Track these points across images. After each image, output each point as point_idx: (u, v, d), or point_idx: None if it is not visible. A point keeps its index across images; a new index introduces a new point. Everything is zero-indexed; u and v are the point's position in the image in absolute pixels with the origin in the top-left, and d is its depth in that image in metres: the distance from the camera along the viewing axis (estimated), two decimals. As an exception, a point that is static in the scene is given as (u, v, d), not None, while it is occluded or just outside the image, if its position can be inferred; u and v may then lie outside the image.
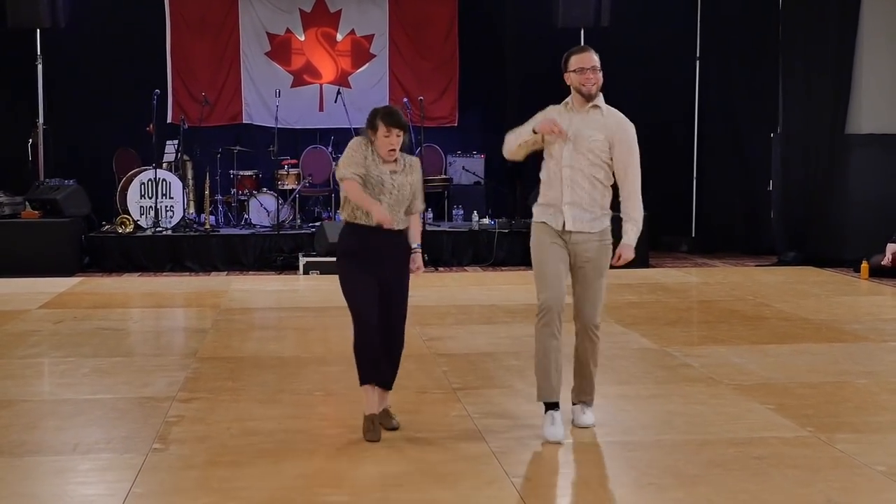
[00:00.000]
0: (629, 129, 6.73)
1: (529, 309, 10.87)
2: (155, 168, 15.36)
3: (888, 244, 13.96)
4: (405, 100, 16.68)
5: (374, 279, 6.48)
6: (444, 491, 5.65)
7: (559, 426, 6.51)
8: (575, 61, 6.84)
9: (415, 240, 6.69)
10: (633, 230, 6.61)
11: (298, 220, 15.90)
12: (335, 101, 16.59)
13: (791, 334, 9.97)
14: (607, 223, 6.64)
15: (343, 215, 6.65)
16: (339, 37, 17.52)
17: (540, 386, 6.59)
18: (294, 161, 16.23)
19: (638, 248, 6.79)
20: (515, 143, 6.78)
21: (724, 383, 7.96)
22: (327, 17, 17.47)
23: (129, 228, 15.15)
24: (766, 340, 9.64)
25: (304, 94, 17.43)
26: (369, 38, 17.53)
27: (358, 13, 17.48)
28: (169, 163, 16.05)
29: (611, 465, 6.16)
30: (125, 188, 15.50)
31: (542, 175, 6.70)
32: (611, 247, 6.63)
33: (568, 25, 15.56)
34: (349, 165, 6.46)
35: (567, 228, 6.52)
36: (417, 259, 6.68)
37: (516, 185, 16.82)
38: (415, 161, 6.70)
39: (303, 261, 14.45)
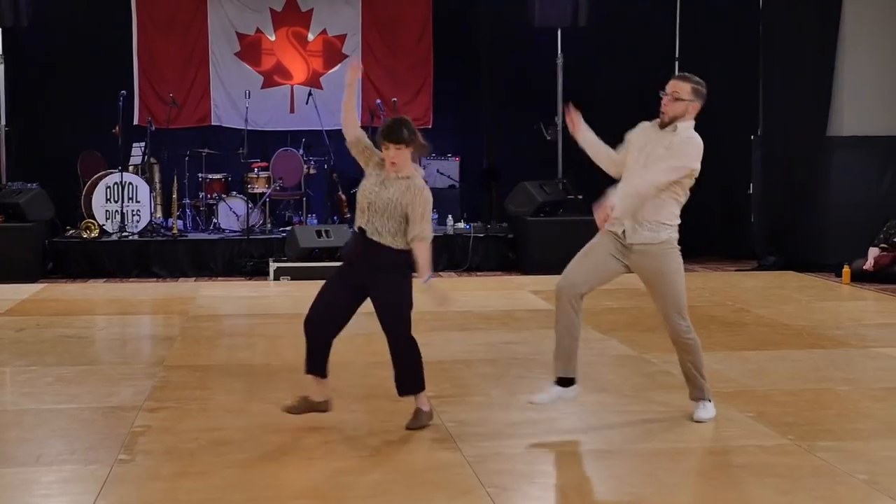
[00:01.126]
0: (691, 151, 7.00)
1: (505, 315, 10.81)
2: (121, 171, 15.19)
3: (870, 248, 14.00)
4: (378, 101, 16.59)
5: (350, 287, 6.65)
6: (417, 501, 5.60)
7: (547, 395, 6.87)
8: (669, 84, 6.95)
9: (421, 272, 6.68)
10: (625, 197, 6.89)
11: (269, 225, 15.77)
12: (306, 103, 16.49)
13: (771, 340, 9.95)
14: (668, 236, 7.01)
15: None
16: (310, 37, 17.38)
17: (554, 362, 6.95)
18: (264, 164, 16.09)
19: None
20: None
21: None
22: (298, 17, 17.33)
23: (95, 233, 14.99)
24: (745, 346, 9.62)
25: (275, 96, 17.29)
26: (341, 38, 17.41)
27: (330, 13, 17.36)
28: (135, 166, 15.90)
29: (589, 473, 6.13)
30: (90, 192, 15.33)
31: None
32: (676, 254, 6.99)
33: (545, 25, 15.54)
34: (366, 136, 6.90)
35: (627, 241, 6.85)
36: (434, 293, 6.70)
37: (492, 188, 16.75)
38: (416, 184, 6.62)
39: (273, 266, 14.33)
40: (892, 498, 5.50)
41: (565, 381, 6.87)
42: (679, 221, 7.05)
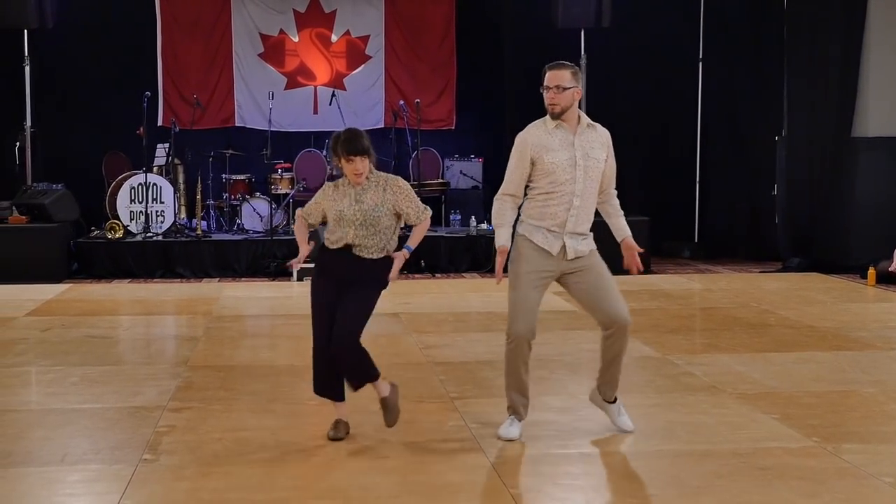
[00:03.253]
0: (610, 137, 6.74)
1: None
2: (145, 172, 15.22)
3: (895, 250, 13.87)
4: (401, 102, 16.60)
5: (332, 301, 6.51)
6: (441, 502, 5.58)
7: (516, 429, 6.63)
8: (545, 78, 6.66)
9: (410, 242, 6.68)
10: (625, 224, 6.78)
11: (292, 226, 15.75)
12: (330, 104, 16.51)
13: (796, 342, 9.90)
14: (592, 239, 6.68)
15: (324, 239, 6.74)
16: (333, 38, 17.40)
17: (513, 403, 6.69)
18: (288, 165, 16.12)
19: (639, 254, 6.77)
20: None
21: (728, 392, 7.89)
22: (322, 18, 17.35)
23: (119, 234, 15.02)
24: (770, 348, 9.57)
25: (298, 97, 17.32)
26: (365, 39, 17.42)
27: (353, 14, 17.37)
28: (160, 167, 15.94)
29: (612, 476, 6.09)
30: (115, 193, 15.38)
31: (540, 196, 6.55)
32: (596, 251, 6.68)
33: (568, 26, 15.48)
34: (308, 205, 6.76)
35: (569, 258, 6.52)
36: (397, 260, 6.59)
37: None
38: (390, 180, 6.60)
39: (296, 267, 14.31)
40: None
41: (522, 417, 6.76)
42: None
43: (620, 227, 6.75)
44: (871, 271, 13.67)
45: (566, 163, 6.44)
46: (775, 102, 15.75)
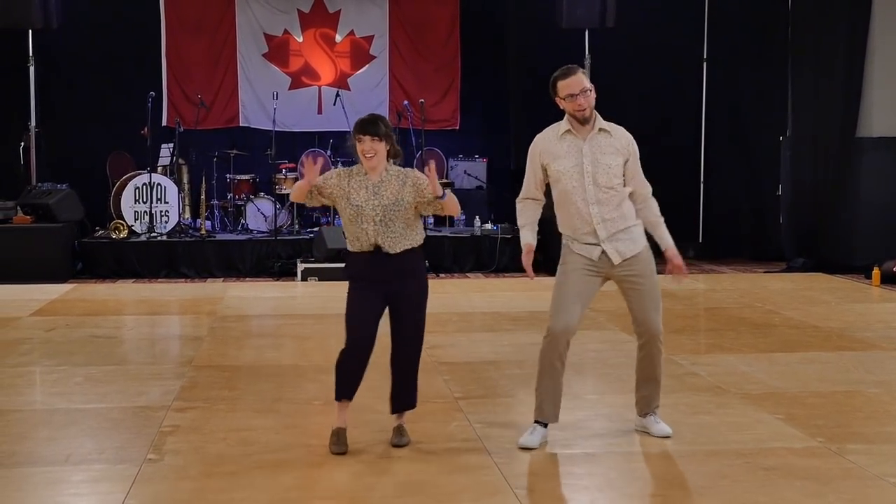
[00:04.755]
0: (632, 140, 6.56)
1: (533, 316, 10.77)
2: (150, 172, 15.24)
3: (900, 250, 13.91)
4: (405, 102, 16.60)
5: (379, 299, 6.33)
6: (445, 502, 5.58)
7: (537, 436, 6.49)
8: (563, 87, 6.44)
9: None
10: (665, 231, 6.62)
11: (296, 226, 15.79)
12: (334, 104, 16.51)
13: (800, 342, 9.90)
14: (641, 230, 6.55)
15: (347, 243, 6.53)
16: (338, 38, 17.41)
17: (542, 407, 6.55)
18: (292, 165, 16.11)
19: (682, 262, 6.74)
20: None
21: (732, 392, 7.88)
22: (326, 18, 17.36)
23: (123, 234, 15.03)
24: (774, 348, 9.56)
25: (303, 97, 17.32)
26: (369, 38, 17.43)
27: (357, 14, 17.38)
28: (164, 167, 15.95)
29: (616, 476, 6.06)
30: (119, 193, 15.39)
31: (561, 212, 6.51)
32: (649, 247, 6.57)
33: (572, 26, 15.47)
34: (321, 180, 6.47)
35: (615, 262, 6.42)
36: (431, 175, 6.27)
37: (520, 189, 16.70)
38: (408, 173, 6.42)
39: (301, 267, 14.35)
40: None
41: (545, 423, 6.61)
42: None
43: (661, 238, 6.60)
44: (876, 272, 13.66)
45: (573, 170, 6.37)
46: (780, 102, 15.74)
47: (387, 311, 6.41)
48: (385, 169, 6.37)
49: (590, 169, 6.34)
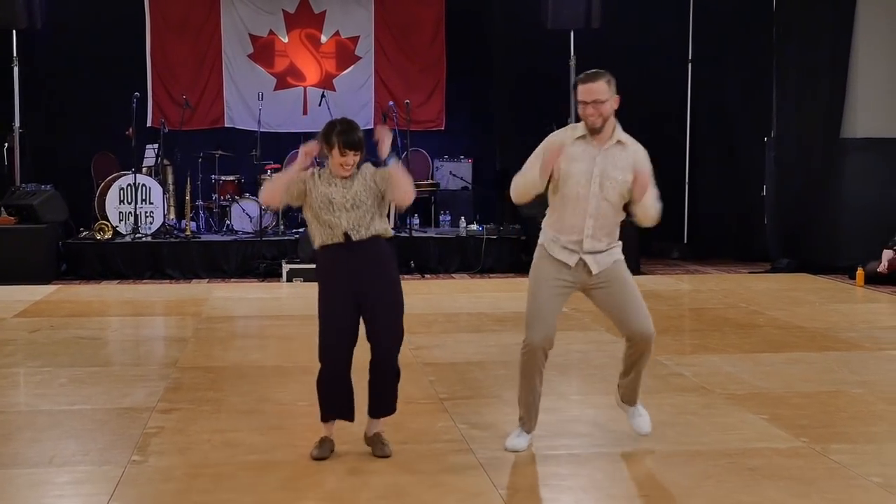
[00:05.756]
0: (645, 157, 6.43)
1: (518, 317, 10.70)
2: (134, 173, 15.20)
3: (884, 250, 13.97)
4: (391, 103, 16.60)
5: (351, 305, 6.20)
6: (430, 503, 5.59)
7: (524, 440, 6.49)
8: (579, 92, 6.25)
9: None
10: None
11: (282, 227, 15.78)
12: (319, 105, 16.50)
13: (785, 342, 9.92)
14: (619, 249, 6.44)
15: (314, 244, 6.38)
16: (323, 38, 17.41)
17: (524, 417, 6.54)
18: (277, 165, 16.08)
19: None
20: (524, 189, 6.37)
21: (717, 393, 7.91)
22: (311, 19, 17.35)
23: (108, 235, 14.99)
24: (759, 349, 9.59)
25: (288, 97, 17.32)
26: (354, 39, 17.43)
27: (343, 14, 17.38)
28: (149, 167, 15.92)
29: (601, 476, 6.07)
30: (104, 193, 15.35)
31: (555, 213, 6.39)
32: (623, 260, 6.44)
33: (558, 27, 15.51)
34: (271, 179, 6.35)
35: (593, 272, 6.31)
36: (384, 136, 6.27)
37: (505, 190, 16.71)
38: (365, 166, 6.31)
39: (286, 268, 14.34)
40: None
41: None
42: None
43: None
44: (860, 272, 13.71)
45: (582, 176, 6.20)
46: (764, 103, 15.78)
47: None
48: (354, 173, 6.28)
49: (598, 180, 6.19)
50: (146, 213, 15.27)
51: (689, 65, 17.00)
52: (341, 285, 6.21)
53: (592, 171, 6.20)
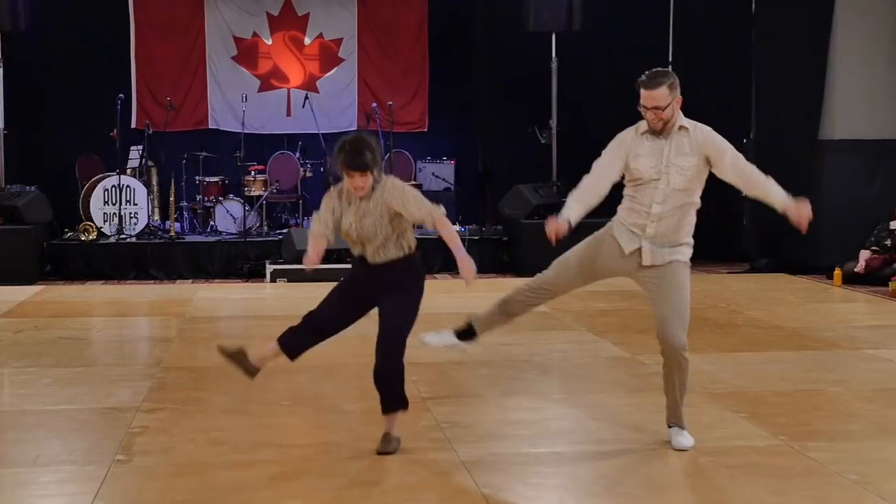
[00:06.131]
0: (715, 136, 6.53)
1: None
2: (119, 174, 15.23)
3: (861, 251, 14.06)
4: (374, 105, 16.61)
5: (358, 300, 6.34)
6: (413, 501, 5.61)
7: (443, 337, 6.86)
8: (642, 96, 6.39)
9: (454, 247, 6.40)
10: (780, 191, 6.63)
11: (265, 228, 15.81)
12: (303, 107, 16.53)
13: (763, 342, 9.98)
14: (687, 251, 6.48)
15: None
16: (307, 40, 17.44)
17: (480, 316, 6.88)
18: (261, 167, 16.13)
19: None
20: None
21: (696, 391, 7.85)
22: (295, 21, 17.38)
23: (93, 236, 15.00)
24: (738, 348, 9.65)
25: (272, 99, 17.34)
26: (338, 41, 17.45)
27: (326, 17, 17.40)
28: (133, 169, 15.94)
29: (582, 474, 6.11)
30: (88, 194, 15.36)
31: (627, 198, 6.42)
32: (687, 264, 6.45)
33: (539, 30, 15.55)
34: (316, 222, 6.35)
35: (644, 263, 6.34)
36: (463, 266, 6.35)
37: (487, 191, 16.77)
38: (385, 182, 6.30)
39: (270, 268, 14.37)
40: (882, 497, 5.53)
41: (468, 334, 6.82)
42: None
43: (777, 202, 6.64)
44: (838, 272, 13.77)
45: (651, 170, 6.28)
46: (744, 105, 15.85)
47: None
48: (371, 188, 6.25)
49: (665, 169, 6.28)
50: (130, 214, 15.29)
51: (670, 66, 17.03)
52: (355, 287, 6.35)
53: (660, 163, 6.29)
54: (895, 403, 7.59)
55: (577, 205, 6.40)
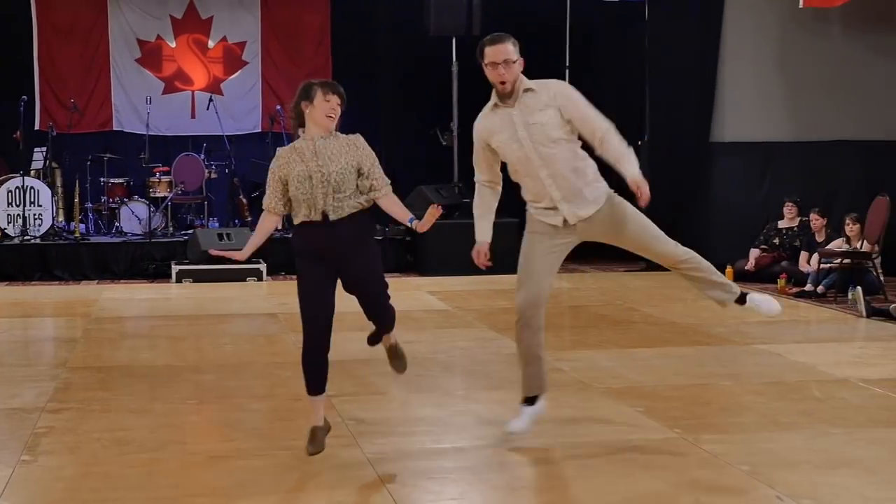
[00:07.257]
0: (564, 86, 6.43)
1: (403, 316, 10.83)
2: (22, 175, 15.11)
3: (751, 249, 14.43)
4: (278, 107, 16.62)
5: (328, 278, 6.12)
6: (318, 498, 5.63)
7: (524, 421, 6.48)
8: (488, 54, 6.31)
9: (406, 217, 6.23)
10: (628, 162, 6.30)
11: (171, 228, 15.79)
12: (207, 109, 16.53)
13: (659, 338, 10.13)
14: (605, 188, 6.39)
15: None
16: (210, 43, 17.43)
17: (527, 380, 6.54)
18: (166, 168, 16.09)
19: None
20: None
21: (594, 387, 8.04)
22: (199, 24, 17.36)
23: (-4, 237, 14.87)
24: (634, 344, 9.79)
25: (176, 101, 17.30)
26: (241, 45, 17.46)
27: (230, 20, 17.40)
28: (37, 170, 15.81)
29: (484, 469, 6.15)
30: (-9, 196, 15.22)
31: (519, 184, 6.36)
32: (613, 195, 6.43)
33: (440, 34, 15.65)
34: (267, 195, 6.19)
35: (574, 222, 6.27)
36: (427, 218, 6.06)
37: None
38: (353, 138, 6.22)
39: (175, 269, 14.36)
40: (771, 487, 5.63)
41: (532, 399, 6.57)
42: None
43: (624, 170, 6.30)
44: (729, 270, 13.89)
45: (510, 141, 6.18)
46: (637, 108, 16.10)
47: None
48: (334, 132, 6.18)
49: (524, 134, 6.17)
50: (35, 215, 15.18)
51: (567, 70, 17.26)
52: (319, 258, 6.09)
53: (516, 131, 6.19)
54: (784, 396, 7.74)
55: (482, 221, 6.45)
